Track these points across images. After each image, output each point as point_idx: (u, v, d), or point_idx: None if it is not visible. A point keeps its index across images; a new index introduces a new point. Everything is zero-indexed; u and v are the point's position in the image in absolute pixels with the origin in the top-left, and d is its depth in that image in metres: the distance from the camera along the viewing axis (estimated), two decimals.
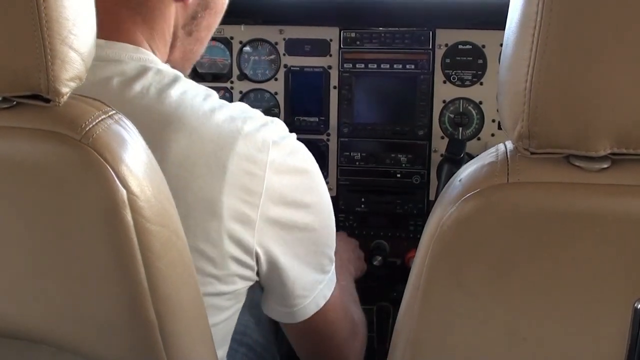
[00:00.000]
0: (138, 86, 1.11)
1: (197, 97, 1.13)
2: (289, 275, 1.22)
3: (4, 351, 1.01)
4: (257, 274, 1.20)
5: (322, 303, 1.32)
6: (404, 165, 2.09)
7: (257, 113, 1.17)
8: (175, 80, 1.14)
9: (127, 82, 1.11)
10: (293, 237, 1.19)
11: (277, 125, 1.18)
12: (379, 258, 2.08)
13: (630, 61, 0.76)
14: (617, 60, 0.76)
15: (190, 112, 1.10)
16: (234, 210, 1.10)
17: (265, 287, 1.28)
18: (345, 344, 1.48)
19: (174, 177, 1.06)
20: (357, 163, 2.12)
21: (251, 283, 1.22)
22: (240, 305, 1.26)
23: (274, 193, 1.13)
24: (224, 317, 1.22)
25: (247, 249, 1.13)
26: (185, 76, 1.19)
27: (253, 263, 1.16)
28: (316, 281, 1.29)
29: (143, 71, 1.13)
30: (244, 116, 1.13)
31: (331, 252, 1.32)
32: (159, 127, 1.07)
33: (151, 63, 1.17)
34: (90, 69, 1.02)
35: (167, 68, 1.18)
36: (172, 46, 1.30)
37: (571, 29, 0.76)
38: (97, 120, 0.88)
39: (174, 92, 1.11)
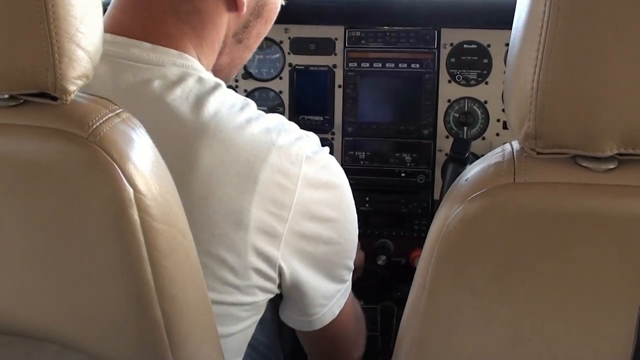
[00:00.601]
0: (178, 91, 1.11)
1: (235, 106, 1.12)
2: (310, 287, 1.22)
3: (9, 349, 1.01)
4: (279, 286, 1.20)
5: (337, 312, 1.33)
6: (408, 164, 2.08)
7: (293, 126, 1.17)
8: (215, 88, 1.13)
9: (168, 85, 1.11)
10: (317, 250, 1.19)
11: (311, 140, 1.18)
12: (383, 257, 2.08)
13: (637, 62, 0.76)
14: (624, 61, 0.76)
15: (226, 122, 1.09)
16: (261, 222, 1.09)
17: (285, 297, 1.29)
18: (354, 344, 1.50)
19: (204, 185, 1.06)
20: (362, 162, 2.11)
21: (271, 295, 1.22)
22: (258, 317, 1.26)
23: (303, 207, 1.13)
24: (241, 327, 1.22)
25: (271, 262, 1.13)
26: (230, 81, 1.18)
27: (275, 276, 1.16)
28: (335, 291, 1.30)
29: (184, 77, 1.13)
30: (279, 128, 1.13)
31: (351, 262, 1.32)
32: (194, 134, 1.07)
33: (194, 70, 1.16)
34: (130, 70, 1.03)
35: (209, 76, 1.17)
36: (220, 53, 1.30)
37: (578, 29, 0.76)
38: (104, 119, 0.89)
39: (213, 100, 1.10)
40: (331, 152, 2.08)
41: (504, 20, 0.87)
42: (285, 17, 2.09)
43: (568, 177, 0.83)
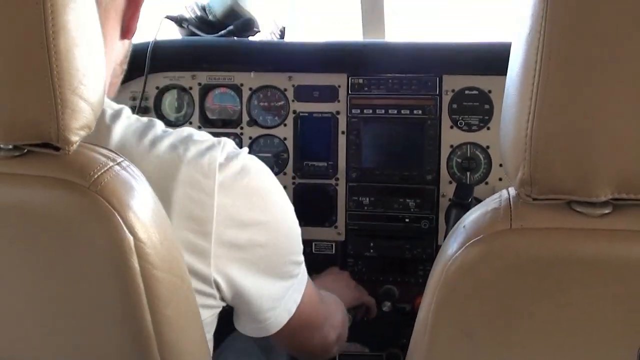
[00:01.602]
0: None
1: (137, 131, 1.10)
2: (253, 293, 1.18)
3: None
4: (222, 299, 1.17)
5: (294, 308, 1.30)
6: (412, 209, 2.09)
7: (204, 136, 1.13)
8: (117, 116, 1.11)
9: None
10: (255, 255, 1.16)
11: (225, 146, 1.13)
12: (388, 304, 2.07)
13: (630, 108, 0.77)
14: (617, 107, 0.77)
15: (131, 150, 1.06)
16: (185, 242, 1.06)
17: (234, 307, 1.25)
18: (330, 328, 1.50)
19: None
20: (366, 208, 2.12)
21: (218, 310, 1.19)
22: (211, 334, 1.22)
23: (226, 217, 1.09)
24: None
25: (205, 279, 1.10)
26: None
27: (214, 291, 1.13)
28: (284, 289, 1.26)
29: None
30: (186, 142, 1.09)
31: (298, 256, 1.28)
32: None
33: None
34: None
35: (109, 103, 1.14)
36: (110, 83, 1.28)
37: (571, 77, 0.78)
38: (105, 168, 0.90)
39: (117, 130, 1.08)
40: (335, 198, 2.12)
41: (505, 66, 0.89)
42: (289, 65, 2.14)
43: (563, 223, 0.83)
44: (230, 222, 1.10)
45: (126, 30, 1.22)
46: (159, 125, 1.13)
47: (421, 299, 0.95)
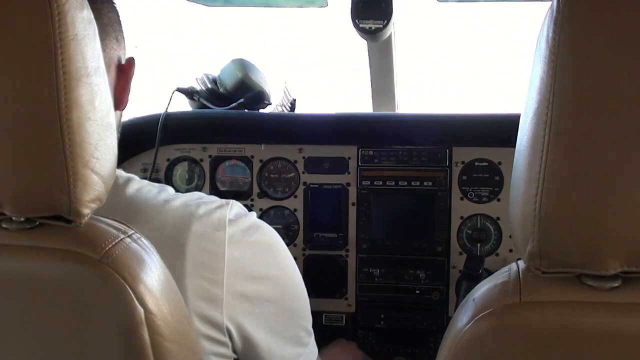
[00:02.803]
0: None
1: (151, 191, 1.16)
2: (264, 349, 1.21)
3: None
4: (234, 351, 1.18)
5: None
6: (423, 281, 2.08)
7: (213, 198, 1.20)
8: (129, 180, 1.17)
9: None
10: (263, 310, 1.19)
11: (234, 206, 1.20)
12: None
13: (638, 182, 0.77)
14: (626, 182, 0.78)
15: (145, 205, 1.12)
16: (199, 289, 1.10)
17: None
18: None
19: None
20: (376, 279, 2.11)
21: None
22: None
23: (236, 268, 1.14)
24: None
25: (217, 326, 1.12)
26: None
27: (226, 339, 1.15)
28: (296, 354, 1.28)
29: None
30: (197, 202, 1.16)
31: (307, 323, 1.31)
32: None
33: None
34: None
35: (120, 172, 1.19)
36: None
37: (579, 152, 0.78)
38: (116, 241, 0.91)
39: (129, 190, 1.14)
40: (346, 269, 2.11)
41: (514, 138, 0.89)
42: (299, 137, 2.16)
43: (573, 296, 0.83)
44: (240, 273, 1.15)
45: (118, 102, 1.27)
46: (170, 188, 1.20)
47: None
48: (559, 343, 0.83)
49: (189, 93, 2.25)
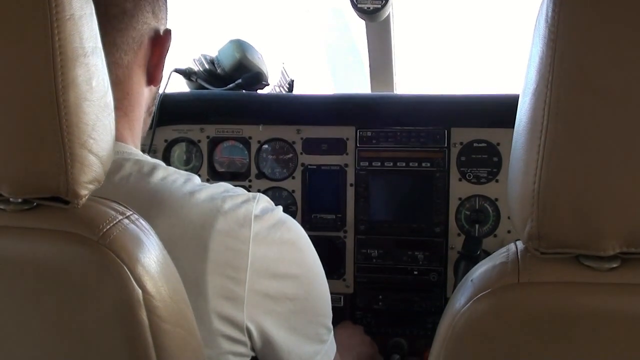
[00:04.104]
0: (117, 178, 1.12)
1: (177, 181, 1.14)
2: (284, 347, 1.20)
3: None
4: (252, 349, 1.18)
5: None
6: (421, 262, 2.08)
7: (240, 191, 1.18)
8: (154, 168, 1.15)
9: (107, 176, 1.06)
10: (284, 308, 1.18)
11: (260, 201, 1.17)
12: (397, 356, 2.06)
13: (638, 163, 0.77)
14: (625, 162, 0.78)
15: (169, 196, 1.10)
16: (220, 288, 1.09)
17: None
18: None
19: None
20: (374, 260, 2.11)
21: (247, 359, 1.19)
22: None
23: (260, 266, 1.12)
24: None
25: (237, 326, 1.12)
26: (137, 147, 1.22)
27: (245, 339, 1.14)
28: (314, 352, 1.27)
29: (121, 164, 1.14)
30: (224, 195, 1.14)
31: (327, 320, 1.30)
32: (141, 213, 1.04)
33: (129, 155, 1.18)
34: None
35: (146, 158, 1.19)
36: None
37: (578, 132, 0.78)
38: (114, 222, 0.90)
39: (154, 179, 1.13)
40: (344, 251, 2.11)
41: (513, 119, 0.89)
42: (297, 118, 2.15)
43: (571, 277, 0.83)
44: (264, 272, 1.13)
45: (151, 78, 1.27)
46: (196, 178, 1.18)
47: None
48: (557, 323, 0.83)
49: (187, 74, 2.25)
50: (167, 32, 1.27)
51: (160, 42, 1.26)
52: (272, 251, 1.15)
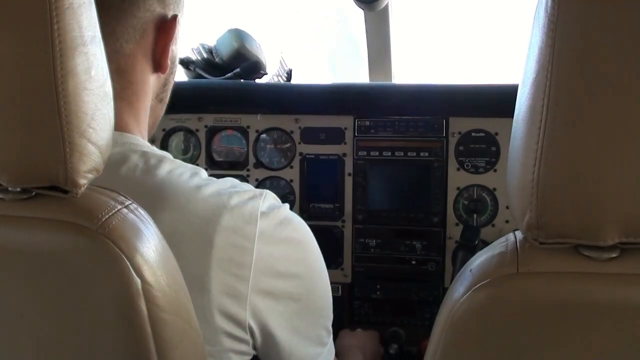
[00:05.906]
0: (124, 170, 1.12)
1: (183, 175, 1.13)
2: (285, 347, 1.19)
3: None
4: (254, 347, 1.17)
5: None
6: (419, 252, 2.09)
7: (247, 187, 1.17)
8: (161, 160, 1.14)
9: (112, 167, 1.10)
10: (287, 308, 1.17)
11: (267, 198, 1.16)
12: (395, 346, 2.06)
13: (637, 152, 0.77)
14: (624, 152, 0.77)
15: (176, 190, 1.09)
16: (223, 285, 1.08)
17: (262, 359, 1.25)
18: None
19: None
20: (372, 250, 2.12)
21: (248, 358, 1.19)
22: None
23: (264, 264, 1.11)
24: None
25: (239, 323, 1.11)
26: (149, 137, 1.20)
27: (247, 337, 1.13)
28: (315, 354, 1.27)
29: (127, 155, 1.14)
30: (230, 191, 1.13)
31: (328, 323, 1.30)
32: (146, 207, 1.03)
33: (136, 146, 1.17)
34: None
35: (153, 149, 1.19)
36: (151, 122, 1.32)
37: (577, 122, 0.78)
38: (113, 211, 0.90)
39: (160, 172, 1.12)
40: (342, 240, 2.11)
41: (512, 108, 0.89)
42: (295, 107, 2.15)
43: (571, 267, 0.83)
44: (268, 270, 1.12)
45: (157, 65, 1.25)
46: (203, 172, 1.17)
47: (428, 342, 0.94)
48: (556, 313, 0.83)
49: (185, 63, 2.24)
50: (173, 18, 1.25)
51: (165, 28, 1.24)
52: (277, 249, 1.14)
